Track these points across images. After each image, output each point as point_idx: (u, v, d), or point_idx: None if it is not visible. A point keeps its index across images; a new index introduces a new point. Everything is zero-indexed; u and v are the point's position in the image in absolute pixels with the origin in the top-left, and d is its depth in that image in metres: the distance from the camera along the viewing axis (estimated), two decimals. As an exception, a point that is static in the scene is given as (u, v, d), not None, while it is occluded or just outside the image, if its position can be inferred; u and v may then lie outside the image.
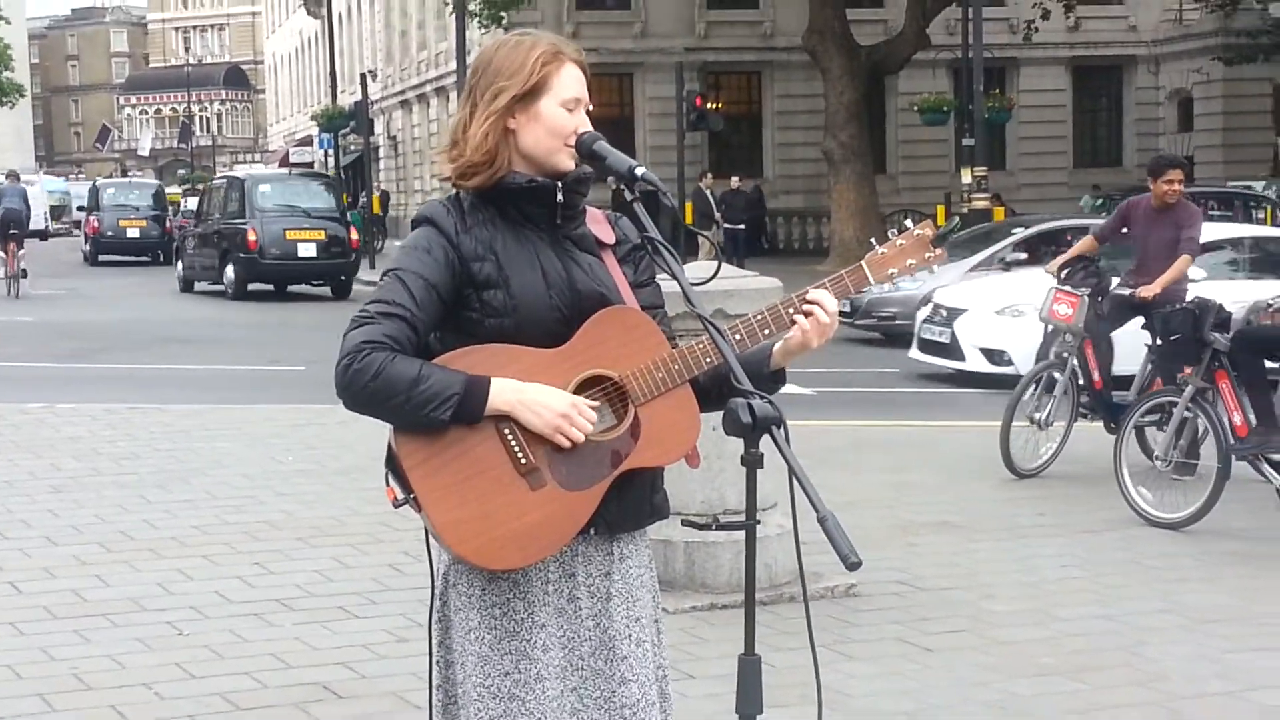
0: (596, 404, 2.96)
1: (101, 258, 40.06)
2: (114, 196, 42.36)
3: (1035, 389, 10.20)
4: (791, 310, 3.04)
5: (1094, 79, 45.50)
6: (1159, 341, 9.71)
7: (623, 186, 3.06)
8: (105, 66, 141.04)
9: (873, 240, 3.22)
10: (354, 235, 28.93)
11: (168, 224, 41.13)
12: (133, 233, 40.78)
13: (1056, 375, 10.19)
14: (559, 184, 3.03)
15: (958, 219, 27.76)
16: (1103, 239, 10.71)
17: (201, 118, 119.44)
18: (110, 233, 40.67)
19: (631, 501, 3.04)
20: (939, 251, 3.19)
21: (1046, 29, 37.15)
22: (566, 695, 3.01)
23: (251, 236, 27.24)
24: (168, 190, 51.82)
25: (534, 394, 2.91)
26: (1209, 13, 41.07)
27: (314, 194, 29.85)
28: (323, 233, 27.70)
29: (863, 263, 3.15)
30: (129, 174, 79.61)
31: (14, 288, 26.59)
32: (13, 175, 31.05)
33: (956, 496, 9.35)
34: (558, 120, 3.02)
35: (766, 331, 3.05)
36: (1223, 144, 41.66)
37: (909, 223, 3.21)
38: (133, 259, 39.72)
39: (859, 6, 37.46)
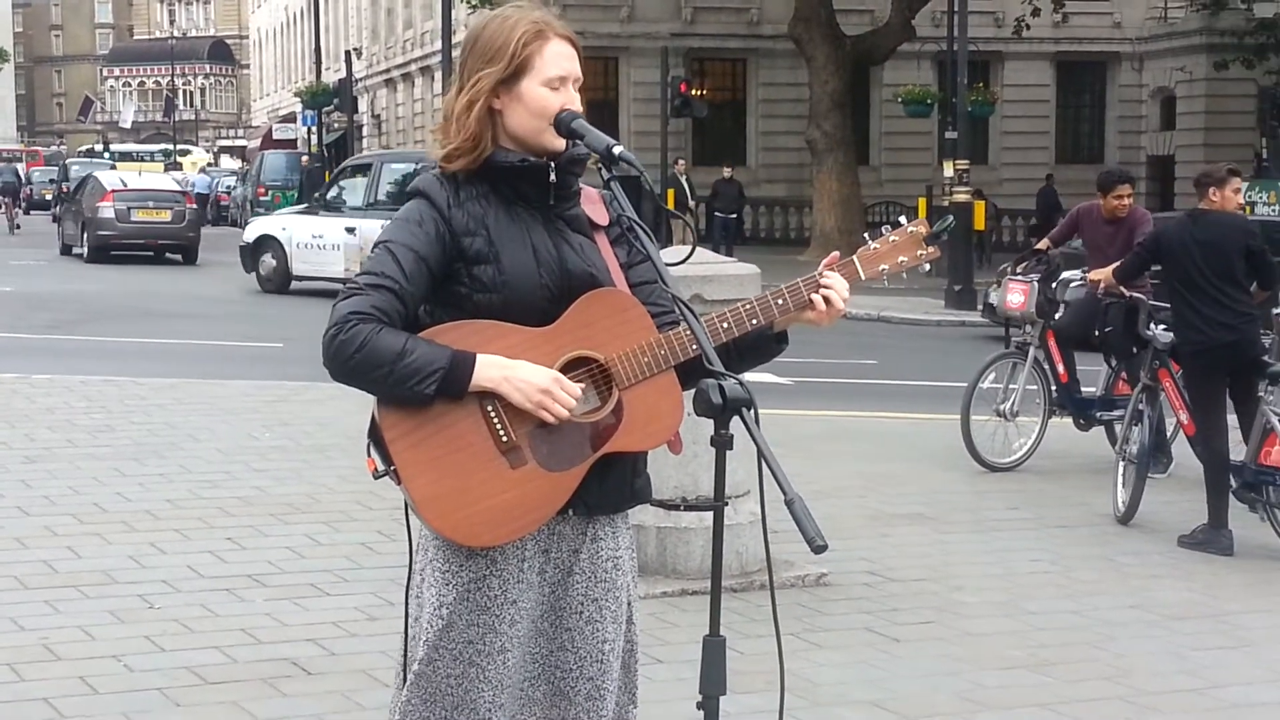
0: (581, 384, 2.97)
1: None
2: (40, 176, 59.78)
3: (995, 379, 10.25)
4: (781, 301, 3.06)
5: (1078, 75, 45.56)
6: (1097, 333, 9.84)
7: (600, 166, 3.07)
8: (89, 37, 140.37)
9: (865, 235, 3.21)
10: None
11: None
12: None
13: (1018, 364, 10.24)
14: (553, 164, 3.04)
15: (951, 218, 27.68)
16: (1056, 243, 10.81)
17: (185, 91, 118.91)
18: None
19: (612, 484, 3.06)
20: (932, 249, 3.19)
21: (1032, 24, 37.16)
22: (522, 656, 3.07)
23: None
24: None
25: (518, 370, 2.92)
26: (1194, 11, 41.13)
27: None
28: None
29: (854, 257, 3.16)
30: (110, 146, 79.46)
31: (13, 228, 41.95)
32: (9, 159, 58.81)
33: (929, 488, 9.38)
34: (540, 101, 3.02)
35: (754, 320, 3.06)
36: (1204, 144, 41.64)
37: (903, 219, 3.21)
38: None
39: (846, -4, 37.45)
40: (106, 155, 66.16)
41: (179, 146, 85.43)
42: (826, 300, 3.08)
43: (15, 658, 5.61)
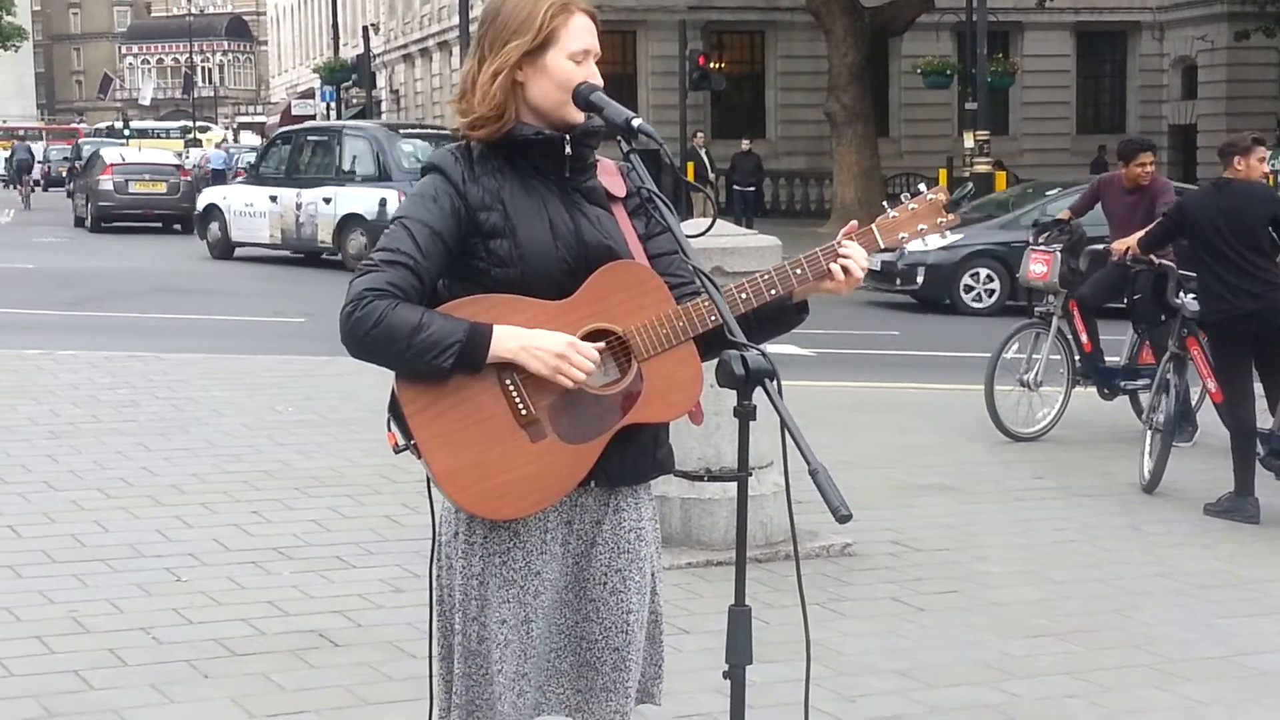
0: (600, 345, 2.97)
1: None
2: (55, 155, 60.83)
3: (1019, 349, 10.22)
4: (800, 271, 3.05)
5: (1098, 45, 45.35)
6: (1125, 300, 9.83)
7: (620, 139, 3.07)
8: (107, 15, 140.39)
9: (884, 204, 3.20)
10: None
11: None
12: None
13: (1041, 334, 10.22)
14: (567, 136, 3.04)
15: (970, 185, 27.69)
16: (1078, 213, 10.76)
17: (203, 68, 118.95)
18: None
19: (633, 456, 3.06)
20: (951, 217, 3.17)
21: (1053, -6, 37.02)
22: (548, 627, 3.09)
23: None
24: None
25: (535, 339, 2.92)
26: (1215, -20, 40.94)
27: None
28: None
29: (873, 225, 3.14)
30: (129, 124, 79.66)
31: (27, 203, 44.01)
32: (22, 137, 61.22)
33: (953, 459, 9.37)
34: (565, 73, 3.02)
35: (773, 291, 3.05)
36: (1226, 112, 41.50)
37: (922, 186, 3.19)
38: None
39: (864, -32, 37.32)
40: (127, 132, 66.46)
41: (198, 123, 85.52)
42: (845, 269, 3.06)
43: (44, 630, 5.64)
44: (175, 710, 4.94)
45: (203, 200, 27.36)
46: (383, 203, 22.76)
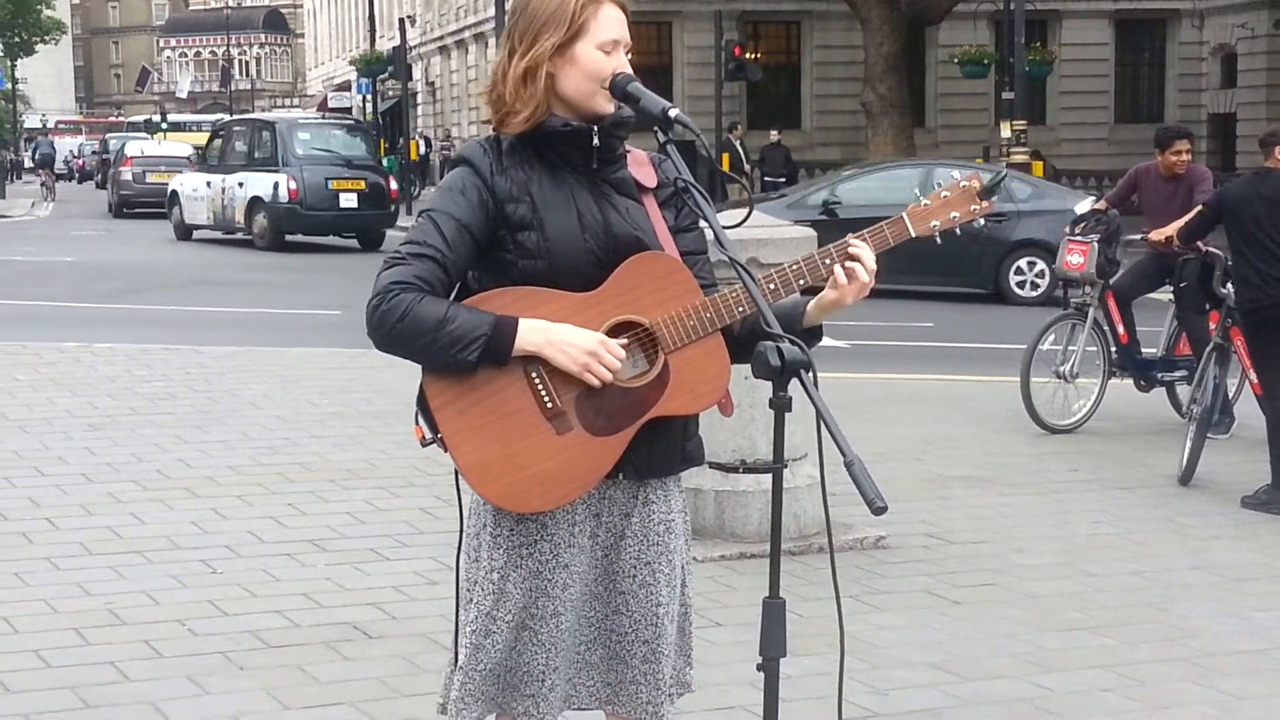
0: (625, 342, 2.96)
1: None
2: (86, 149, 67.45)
3: (1054, 341, 10.17)
4: (829, 262, 3.00)
5: (1137, 33, 45.07)
6: (1171, 288, 9.79)
7: (656, 129, 3.05)
8: (145, 8, 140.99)
9: (916, 191, 3.16)
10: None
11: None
12: None
13: (1078, 326, 10.15)
14: (595, 127, 3.03)
15: (1005, 171, 27.57)
16: (1113, 204, 10.70)
17: (241, 61, 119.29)
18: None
19: (662, 448, 3.05)
20: (986, 203, 3.09)
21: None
22: (577, 620, 3.08)
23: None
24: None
25: (562, 334, 2.91)
26: (1256, -33, 40.61)
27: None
28: None
29: (904, 214, 3.07)
30: (166, 117, 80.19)
31: (49, 198, 45.58)
32: (45, 133, 63.98)
33: (988, 451, 9.33)
34: (594, 64, 3.00)
35: (802, 281, 3.01)
36: (1266, 101, 41.19)
37: (955, 173, 3.15)
38: None
39: (901, -43, 37.15)
40: (165, 126, 66.97)
41: (235, 116, 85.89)
42: (848, 273, 2.97)
43: (81, 622, 5.67)
44: (210, 701, 4.96)
45: (170, 186, 29.96)
46: (275, 186, 25.64)
